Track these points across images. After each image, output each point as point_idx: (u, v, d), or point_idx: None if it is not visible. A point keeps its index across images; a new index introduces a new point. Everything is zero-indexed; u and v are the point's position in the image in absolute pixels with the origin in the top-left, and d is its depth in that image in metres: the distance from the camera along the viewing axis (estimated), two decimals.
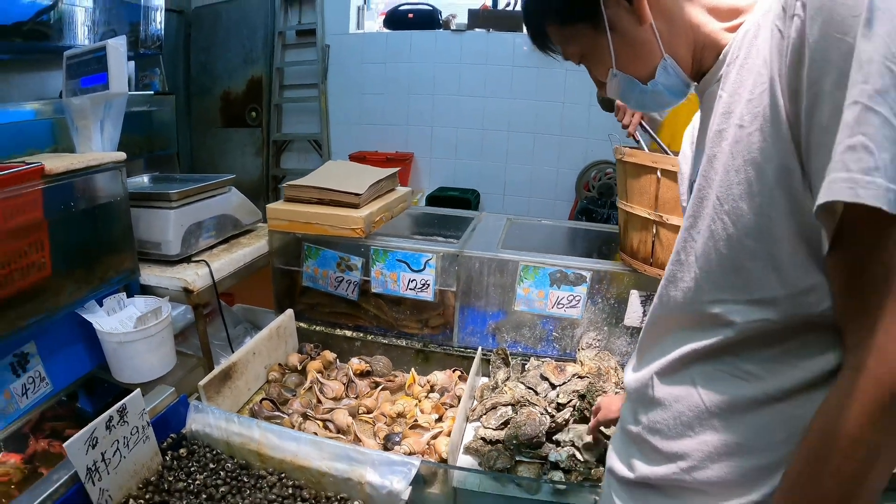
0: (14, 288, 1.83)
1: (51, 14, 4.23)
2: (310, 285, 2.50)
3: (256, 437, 1.79)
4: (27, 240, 1.86)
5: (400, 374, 2.29)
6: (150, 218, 2.30)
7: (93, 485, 1.57)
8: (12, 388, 1.94)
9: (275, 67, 6.53)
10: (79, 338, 2.13)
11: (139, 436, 1.71)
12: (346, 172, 2.63)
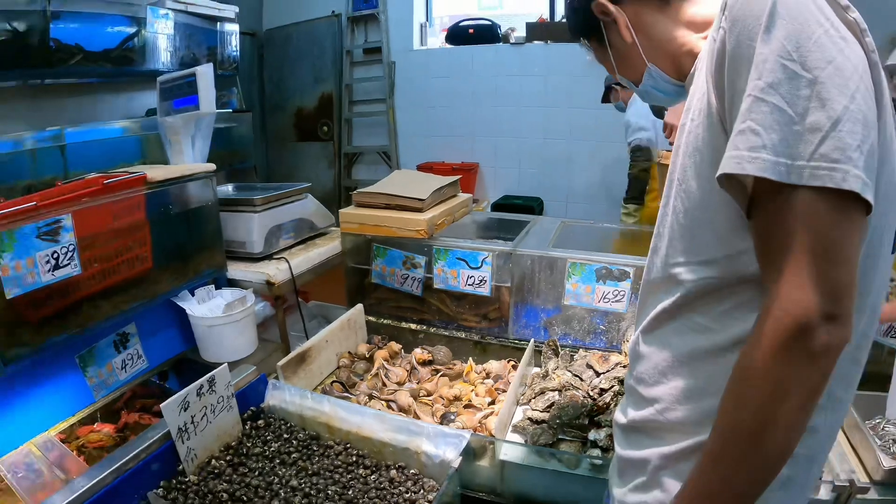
0: (121, 277, 2.18)
1: (135, 41, 4.64)
2: (378, 282, 2.76)
3: (326, 411, 2.03)
4: (133, 237, 2.20)
5: (459, 363, 2.50)
6: (236, 220, 2.65)
7: (182, 443, 1.84)
8: (114, 362, 2.28)
9: (344, 84, 6.84)
10: (172, 323, 2.49)
11: (224, 405, 1.98)
12: (410, 180, 2.89)
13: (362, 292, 2.83)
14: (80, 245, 2.01)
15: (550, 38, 6.03)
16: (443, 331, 2.66)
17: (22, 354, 1.95)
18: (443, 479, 1.77)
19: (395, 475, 1.82)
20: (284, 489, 1.78)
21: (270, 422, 2.10)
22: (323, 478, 1.83)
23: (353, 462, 1.89)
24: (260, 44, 7.41)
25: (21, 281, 1.87)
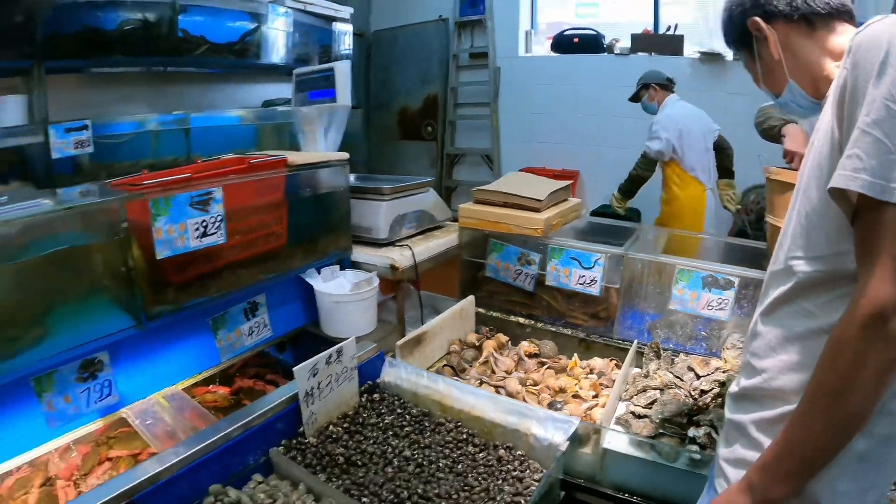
0: (258, 250, 2.37)
1: (255, 35, 4.88)
2: (491, 276, 2.85)
3: (441, 390, 2.14)
4: (271, 214, 2.38)
5: (563, 359, 2.56)
6: (364, 207, 2.83)
7: (306, 406, 1.98)
8: (242, 328, 2.47)
9: (449, 87, 6.98)
10: (297, 297, 2.67)
11: (346, 375, 2.11)
12: (527, 182, 2.99)
13: (474, 285, 2.93)
14: (227, 217, 2.18)
15: (655, 51, 6.04)
16: (549, 326, 2.73)
17: (163, 312, 2.14)
18: (548, 462, 1.85)
19: (503, 454, 1.90)
20: (398, 458, 1.88)
21: (385, 396, 2.22)
22: (434, 451, 1.92)
23: (463, 439, 1.98)
24: (367, 44, 7.64)
25: (172, 244, 2.06)
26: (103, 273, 2.08)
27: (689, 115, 4.80)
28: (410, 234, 2.96)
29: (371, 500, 1.72)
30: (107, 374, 2.11)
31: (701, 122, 4.83)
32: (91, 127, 3.91)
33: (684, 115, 4.78)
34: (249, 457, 1.92)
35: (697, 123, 4.80)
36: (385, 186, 2.82)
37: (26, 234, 1.90)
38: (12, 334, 1.94)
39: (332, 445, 1.95)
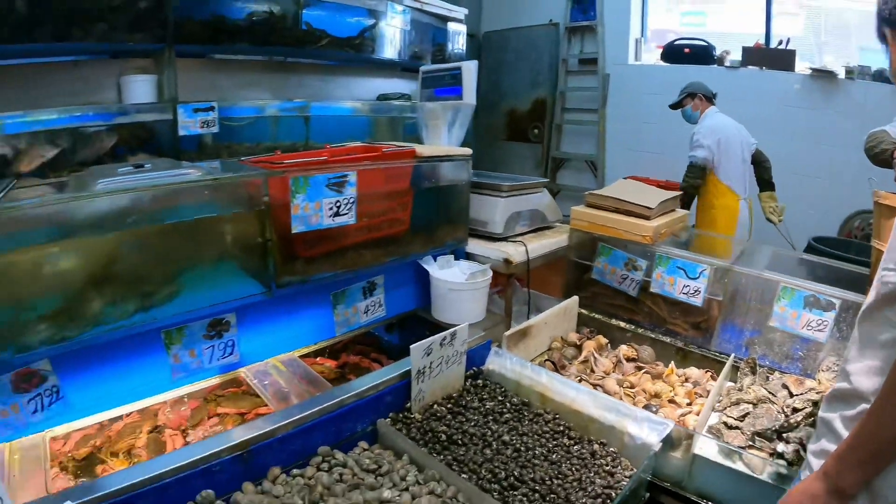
0: (382, 233, 2.53)
1: (372, 31, 5.09)
2: (597, 278, 2.92)
3: (543, 382, 2.23)
4: (397, 201, 2.53)
5: (660, 365, 2.61)
6: (482, 202, 2.97)
7: (416, 383, 2.11)
8: (359, 305, 2.63)
9: (558, 91, 7.02)
10: (412, 282, 2.83)
11: (456, 359, 2.23)
12: (638, 189, 3.05)
13: (579, 286, 3.00)
14: (358, 199, 2.34)
15: (765, 65, 5.90)
16: (649, 333, 2.78)
17: (292, 282, 2.32)
18: (639, 462, 1.91)
19: (597, 449, 1.97)
20: (496, 441, 1.98)
21: (488, 383, 2.32)
22: (531, 439, 2.01)
23: (560, 431, 2.06)
24: (478, 45, 7.77)
25: (306, 220, 2.24)
26: (241, 241, 2.27)
27: (727, 127, 4.90)
28: (523, 232, 3.07)
29: (469, 476, 1.82)
30: (231, 335, 2.29)
31: (739, 134, 4.92)
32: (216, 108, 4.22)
33: (723, 127, 4.88)
34: (358, 424, 2.07)
35: (736, 136, 4.90)
36: (504, 184, 2.94)
37: (175, 198, 2.11)
38: (150, 289, 2.14)
39: (435, 423, 2.07)
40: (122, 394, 2.22)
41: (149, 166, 2.31)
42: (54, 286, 2.07)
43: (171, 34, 4.03)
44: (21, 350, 1.92)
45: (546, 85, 7.19)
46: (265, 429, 1.88)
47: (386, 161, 2.51)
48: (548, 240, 3.04)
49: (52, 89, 3.76)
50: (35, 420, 2.02)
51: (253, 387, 2.36)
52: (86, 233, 2.01)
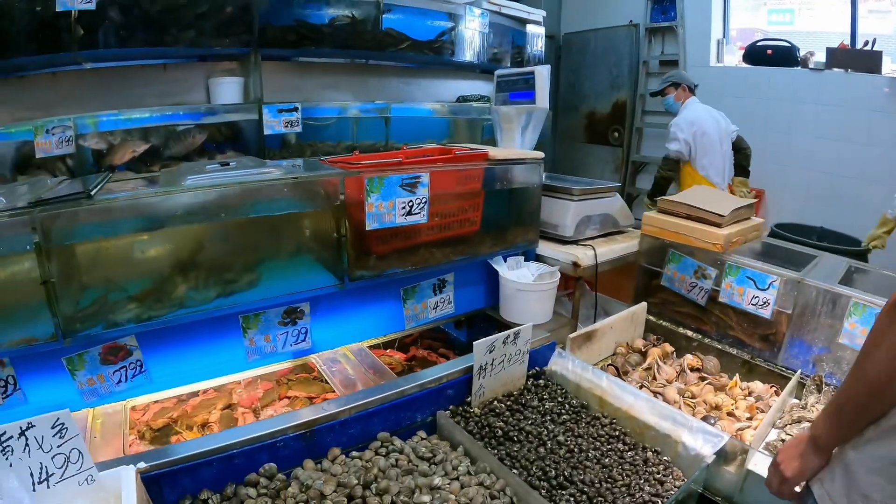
0: (453, 233, 2.61)
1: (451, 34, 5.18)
2: (666, 285, 2.91)
3: (603, 386, 2.26)
4: (469, 202, 2.61)
5: (724, 377, 2.59)
6: (553, 205, 3.01)
7: (478, 379, 2.19)
8: (428, 301, 2.73)
9: (638, 94, 6.91)
10: (481, 281, 2.90)
11: (518, 358, 2.29)
12: (712, 196, 3.03)
13: (647, 292, 3.00)
14: (430, 200, 2.42)
15: (850, 67, 5.57)
16: (715, 343, 2.76)
17: (364, 276, 2.44)
18: (691, 473, 1.92)
19: (650, 456, 1.99)
20: (551, 441, 2.03)
21: (549, 384, 2.37)
22: (586, 441, 2.05)
23: (615, 436, 2.09)
24: (557, 46, 7.75)
25: (380, 218, 2.34)
26: (317, 236, 2.42)
27: (705, 118, 4.84)
28: (593, 236, 3.09)
29: (521, 472, 1.89)
30: (305, 323, 2.43)
31: (718, 124, 4.88)
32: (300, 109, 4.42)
33: (701, 118, 4.89)
34: (418, 414, 2.17)
35: (713, 126, 4.90)
36: (575, 187, 2.98)
37: (257, 195, 2.25)
38: (231, 277, 2.30)
39: (493, 418, 2.14)
40: (199, 371, 2.40)
41: (234, 164, 2.45)
42: (144, 271, 2.26)
43: (256, 39, 4.27)
44: (110, 326, 2.10)
45: (626, 87, 7.09)
46: (329, 411, 2.01)
47: (458, 163, 2.59)
48: (618, 244, 3.05)
49: (144, 90, 4.02)
50: (118, 390, 2.20)
51: (322, 373, 2.48)
52: (175, 224, 2.16)
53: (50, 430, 1.46)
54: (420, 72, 5.67)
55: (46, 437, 1.46)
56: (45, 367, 2.12)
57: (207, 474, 1.79)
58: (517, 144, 3.09)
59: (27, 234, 1.92)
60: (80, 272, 2.23)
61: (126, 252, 2.29)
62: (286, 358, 2.51)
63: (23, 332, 2.02)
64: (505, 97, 3.15)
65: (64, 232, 2.02)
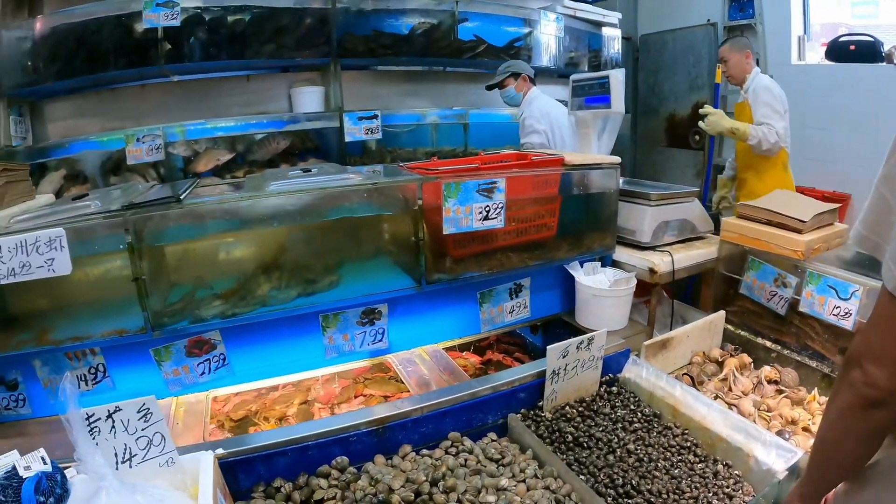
0: (529, 238, 2.65)
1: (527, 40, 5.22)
2: (745, 293, 2.84)
3: (676, 395, 2.25)
4: (545, 207, 2.65)
5: (803, 391, 2.51)
6: (630, 210, 3.00)
7: (550, 384, 2.21)
8: (504, 305, 2.77)
9: (720, 94, 6.77)
10: (557, 286, 2.94)
11: (592, 364, 2.31)
12: (793, 201, 2.94)
13: (725, 300, 2.94)
14: (507, 205, 2.46)
15: None
16: (795, 355, 2.68)
17: (441, 279, 2.50)
18: (761, 488, 1.88)
19: (720, 469, 1.96)
20: (621, 449, 2.03)
21: (622, 391, 2.38)
22: (656, 451, 2.04)
23: (686, 447, 2.08)
24: (635, 48, 7.65)
25: (457, 223, 2.40)
26: (396, 240, 2.51)
27: (556, 107, 4.61)
28: (671, 242, 3.06)
29: (588, 478, 1.90)
30: (382, 324, 2.51)
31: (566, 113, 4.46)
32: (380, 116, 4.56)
33: (553, 107, 4.67)
34: (489, 416, 2.22)
35: (564, 114, 4.48)
36: (653, 192, 2.96)
37: (337, 200, 2.36)
38: (312, 278, 2.42)
39: (564, 423, 2.16)
40: (279, 367, 2.53)
41: (315, 170, 2.54)
42: (230, 270, 2.40)
43: (335, 49, 4.45)
44: (196, 321, 2.24)
45: (706, 88, 6.90)
46: (402, 409, 2.10)
47: (534, 169, 2.63)
48: (696, 251, 3.01)
49: (228, 100, 4.24)
50: (202, 381, 2.35)
51: (398, 373, 2.57)
52: (259, 226, 2.30)
53: (136, 414, 1.58)
54: None
55: (132, 421, 1.58)
56: (133, 358, 2.29)
57: (282, 463, 1.90)
58: (593, 149, 3.08)
59: (121, 234, 2.07)
60: (169, 270, 2.39)
61: (212, 252, 2.45)
62: (363, 357, 2.62)
63: (114, 324, 2.18)
64: (580, 102, 3.15)
65: (154, 233, 2.17)
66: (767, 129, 4.16)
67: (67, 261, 1.97)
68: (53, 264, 1.97)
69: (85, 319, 2.22)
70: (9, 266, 1.94)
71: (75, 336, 2.18)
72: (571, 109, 3.25)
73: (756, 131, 4.15)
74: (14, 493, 1.38)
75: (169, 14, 4.06)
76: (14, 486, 1.39)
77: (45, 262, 1.96)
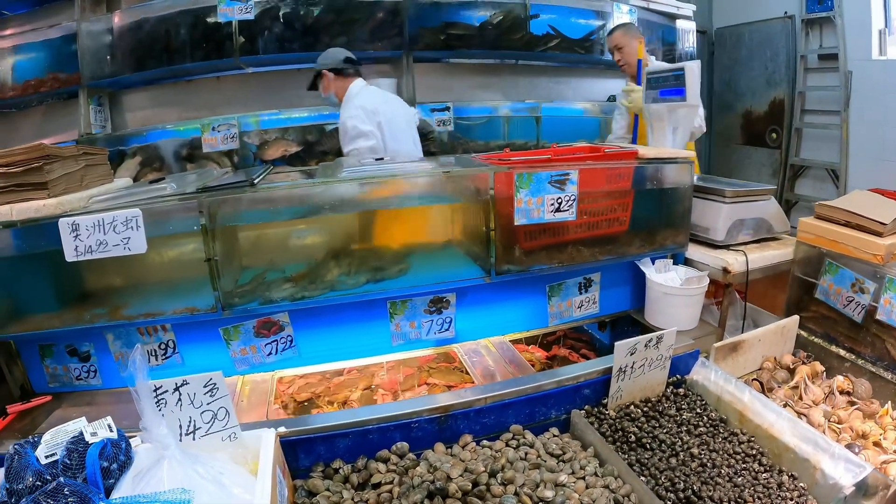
0: (601, 231, 2.65)
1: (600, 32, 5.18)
2: (821, 298, 2.74)
3: (744, 400, 2.20)
4: (617, 201, 2.64)
5: (876, 403, 2.41)
6: (704, 207, 2.94)
7: (616, 381, 2.21)
8: (573, 300, 2.78)
9: (796, 91, 6.54)
10: (627, 283, 2.92)
11: (659, 363, 2.29)
12: (874, 202, 2.83)
13: (801, 305, 2.85)
14: (579, 197, 2.46)
15: None
16: (870, 366, 2.56)
17: (510, 270, 2.51)
18: (826, 502, 1.82)
19: (785, 481, 1.91)
20: (684, 453, 2.01)
21: (689, 393, 2.35)
22: (721, 457, 2.00)
23: (751, 455, 2.02)
24: (710, 41, 7.49)
25: (528, 214, 2.41)
26: (466, 229, 2.57)
27: (385, 102, 4.08)
28: (745, 241, 2.97)
29: (648, 480, 1.89)
30: (450, 313, 2.55)
31: (402, 108, 4.24)
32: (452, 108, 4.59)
33: (380, 103, 4.02)
34: (553, 411, 2.23)
35: (399, 110, 4.18)
36: (727, 189, 2.89)
37: (410, 188, 2.40)
38: (381, 265, 2.49)
39: (628, 423, 2.16)
40: (344, 351, 2.60)
41: (387, 159, 2.55)
42: (300, 254, 2.51)
43: (407, 42, 4.49)
44: (266, 302, 2.33)
45: (784, 84, 6.72)
46: (465, 398, 2.13)
47: (607, 161, 2.62)
48: (771, 251, 2.91)
49: (301, 91, 4.33)
50: (268, 361, 2.44)
51: (463, 363, 2.59)
52: (330, 212, 2.35)
53: (202, 389, 1.66)
54: (570, 71, 5.80)
55: (198, 395, 1.65)
56: (202, 335, 2.39)
57: (342, 445, 1.96)
58: (668, 143, 3.03)
59: (195, 216, 2.16)
60: (241, 253, 2.52)
61: (284, 237, 2.57)
62: (429, 345, 2.66)
63: (185, 303, 2.29)
64: (655, 95, 3.10)
65: (228, 216, 2.26)
66: None
67: (143, 240, 2.08)
68: (129, 243, 2.08)
69: (158, 297, 2.34)
70: (86, 244, 2.06)
71: (148, 312, 2.29)
72: (645, 102, 3.19)
73: None
74: (79, 456, 1.45)
75: (243, 8, 4.22)
76: (80, 451, 1.46)
77: (122, 240, 2.07)
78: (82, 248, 2.06)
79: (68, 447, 1.46)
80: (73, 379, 2.45)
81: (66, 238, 2.05)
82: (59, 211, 2.07)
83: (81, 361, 2.43)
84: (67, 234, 2.05)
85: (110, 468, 1.47)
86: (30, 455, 1.46)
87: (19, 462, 1.43)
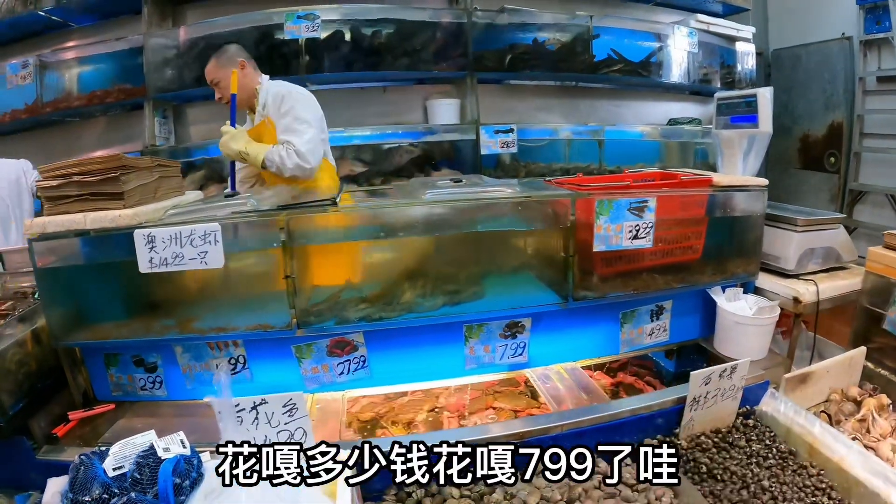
0: (674, 259, 2.71)
1: (660, 55, 5.21)
2: (889, 329, 2.73)
3: (815, 433, 2.23)
4: (691, 229, 2.71)
5: None
6: (775, 235, 3.00)
7: (689, 411, 2.27)
8: (645, 327, 2.81)
9: (856, 114, 6.46)
10: (698, 311, 2.96)
11: (731, 394, 2.35)
12: None
13: (867, 336, 2.84)
14: (656, 224, 2.53)
15: None
16: None
17: (587, 297, 2.58)
18: None
19: None
20: (755, 485, 2.06)
21: (758, 424, 2.41)
22: (791, 490, 2.04)
23: (821, 488, 2.06)
24: (767, 63, 7.44)
25: (607, 240, 2.49)
26: (544, 255, 2.63)
27: None
28: (815, 270, 3.01)
29: None
30: (524, 337, 2.61)
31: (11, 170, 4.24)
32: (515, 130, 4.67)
33: None
34: (626, 438, 2.27)
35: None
36: (799, 217, 2.94)
37: (492, 211, 2.46)
38: (458, 288, 2.53)
39: (699, 453, 2.22)
40: (414, 373, 2.66)
41: (464, 181, 2.62)
42: (377, 275, 2.58)
43: (471, 63, 4.58)
44: (341, 322, 2.38)
45: (842, 107, 6.63)
46: (540, 425, 2.20)
47: (684, 189, 2.71)
48: (840, 281, 2.93)
49: (365, 110, 4.50)
50: (340, 381, 2.49)
51: (535, 387, 2.65)
52: (410, 234, 2.44)
53: (281, 408, 1.72)
54: (630, 94, 5.88)
55: (276, 414, 1.72)
56: (272, 352, 2.42)
57: None
58: (739, 170, 3.08)
59: (275, 233, 2.22)
60: (318, 271, 2.55)
61: (362, 256, 2.62)
62: (502, 369, 2.71)
63: (259, 319, 2.33)
64: (726, 121, 3.16)
65: (308, 234, 2.33)
66: (286, 149, 3.10)
67: (221, 255, 2.13)
68: (206, 257, 2.13)
69: (230, 312, 2.40)
70: (161, 256, 2.12)
71: (219, 327, 2.36)
72: (716, 128, 3.24)
73: (273, 155, 3.11)
74: (150, 471, 1.48)
75: (310, 26, 4.36)
76: (151, 465, 1.50)
77: (199, 254, 2.12)
78: (157, 260, 2.11)
79: (138, 461, 1.49)
80: (138, 389, 2.51)
81: (140, 249, 2.10)
82: (135, 222, 2.13)
83: (147, 372, 2.47)
84: (143, 246, 2.09)
85: (182, 485, 1.49)
86: (97, 466, 1.48)
87: (86, 473, 1.45)
